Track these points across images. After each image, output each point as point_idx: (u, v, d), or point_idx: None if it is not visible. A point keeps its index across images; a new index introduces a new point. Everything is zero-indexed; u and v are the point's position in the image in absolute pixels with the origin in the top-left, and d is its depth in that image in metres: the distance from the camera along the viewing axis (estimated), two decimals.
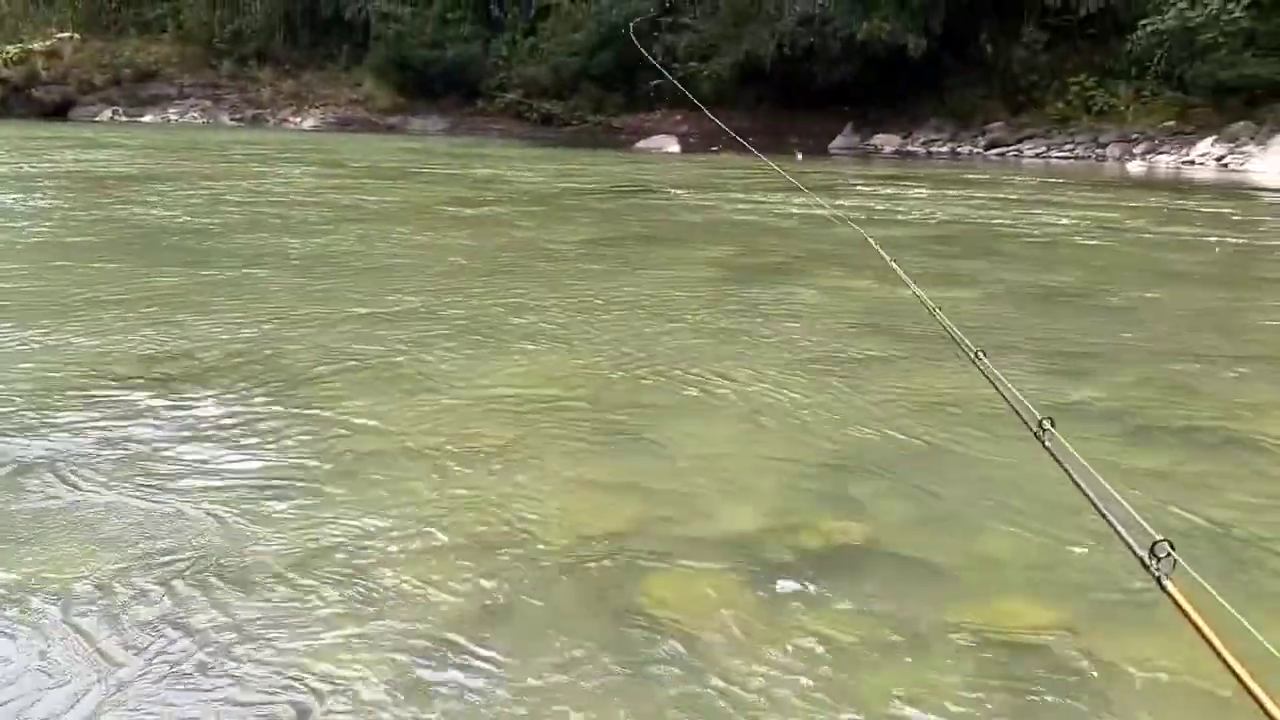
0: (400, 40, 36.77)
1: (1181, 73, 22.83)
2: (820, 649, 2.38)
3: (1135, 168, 20.80)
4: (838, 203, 12.86)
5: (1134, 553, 1.76)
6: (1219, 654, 1.49)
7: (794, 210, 12.01)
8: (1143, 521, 1.91)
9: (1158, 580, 1.68)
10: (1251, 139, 20.33)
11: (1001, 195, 14.23)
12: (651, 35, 32.45)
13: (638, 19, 32.67)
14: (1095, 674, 2.33)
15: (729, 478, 3.41)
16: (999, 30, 26.70)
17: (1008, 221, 11.08)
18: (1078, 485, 2.17)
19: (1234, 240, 10.14)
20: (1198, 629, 1.56)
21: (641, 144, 26.75)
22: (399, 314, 5.78)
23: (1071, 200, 13.88)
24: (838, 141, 27.43)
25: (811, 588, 2.67)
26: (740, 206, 12.36)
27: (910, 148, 25.95)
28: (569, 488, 3.29)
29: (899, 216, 11.57)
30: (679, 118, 32.80)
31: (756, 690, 2.21)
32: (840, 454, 3.68)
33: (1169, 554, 1.70)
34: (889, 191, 14.67)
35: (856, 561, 2.84)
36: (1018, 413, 2.59)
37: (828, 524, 3.04)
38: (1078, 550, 2.92)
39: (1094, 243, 9.74)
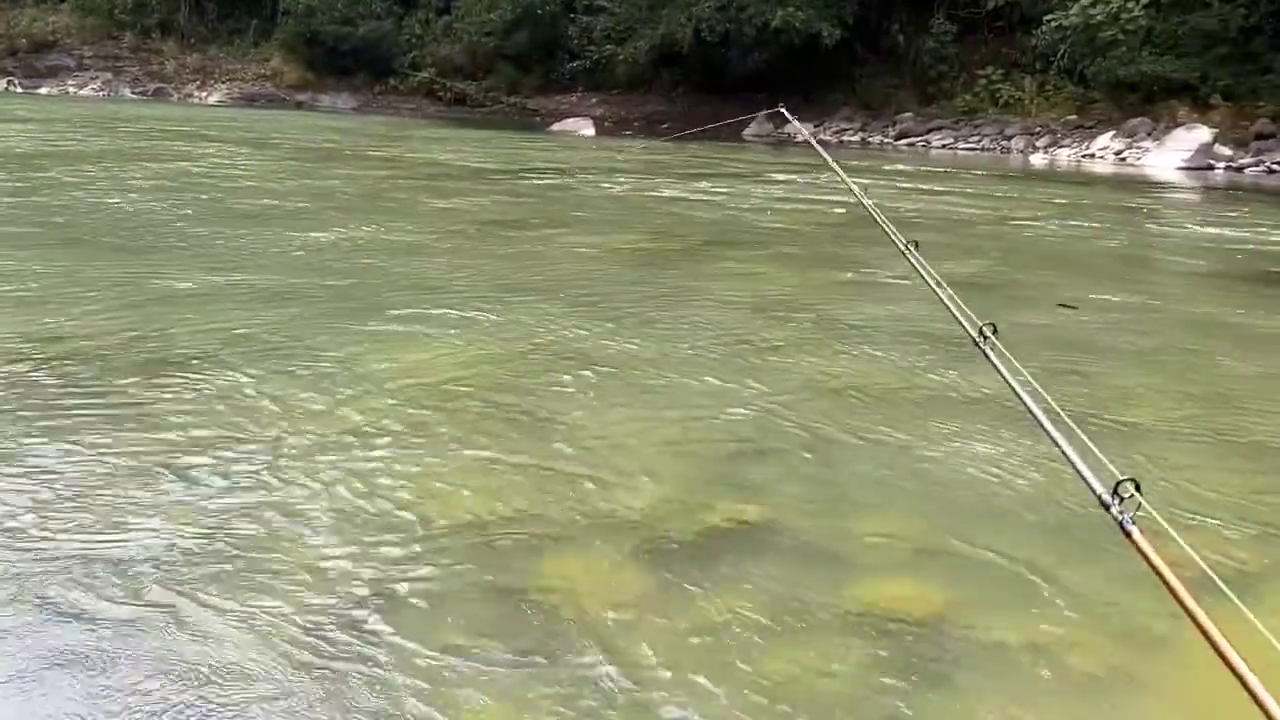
0: (311, 15, 35.97)
1: (1083, 68, 23.48)
2: (715, 629, 2.43)
3: (1038, 160, 21.37)
4: (750, 188, 12.99)
5: (1094, 494, 1.67)
6: (1182, 604, 1.44)
7: (706, 195, 12.09)
8: (1101, 457, 1.80)
9: (1120, 524, 1.60)
10: (1149, 134, 21.01)
11: (909, 184, 14.50)
12: (567, 16, 32.28)
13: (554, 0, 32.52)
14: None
15: (629, 460, 3.45)
16: (909, 22, 27.14)
17: (914, 210, 11.30)
18: (1031, 413, 2.07)
19: (1126, 230, 10.50)
20: (1160, 576, 1.50)
21: (557, 126, 26.64)
22: (290, 295, 5.69)
23: (977, 191, 14.21)
24: (751, 129, 27.61)
25: (708, 568, 2.72)
26: (651, 190, 12.40)
27: (822, 136, 26.25)
28: (468, 470, 3.29)
29: (801, 203, 11.72)
30: (595, 100, 32.73)
31: (649, 669, 2.25)
32: (742, 436, 3.74)
33: (1133, 494, 1.60)
34: (797, 178, 14.85)
35: (754, 542, 2.90)
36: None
37: (726, 505, 3.10)
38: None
39: (997, 231, 10.00)
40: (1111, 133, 21.61)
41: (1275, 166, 19.09)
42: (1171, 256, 9.44)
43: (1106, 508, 1.63)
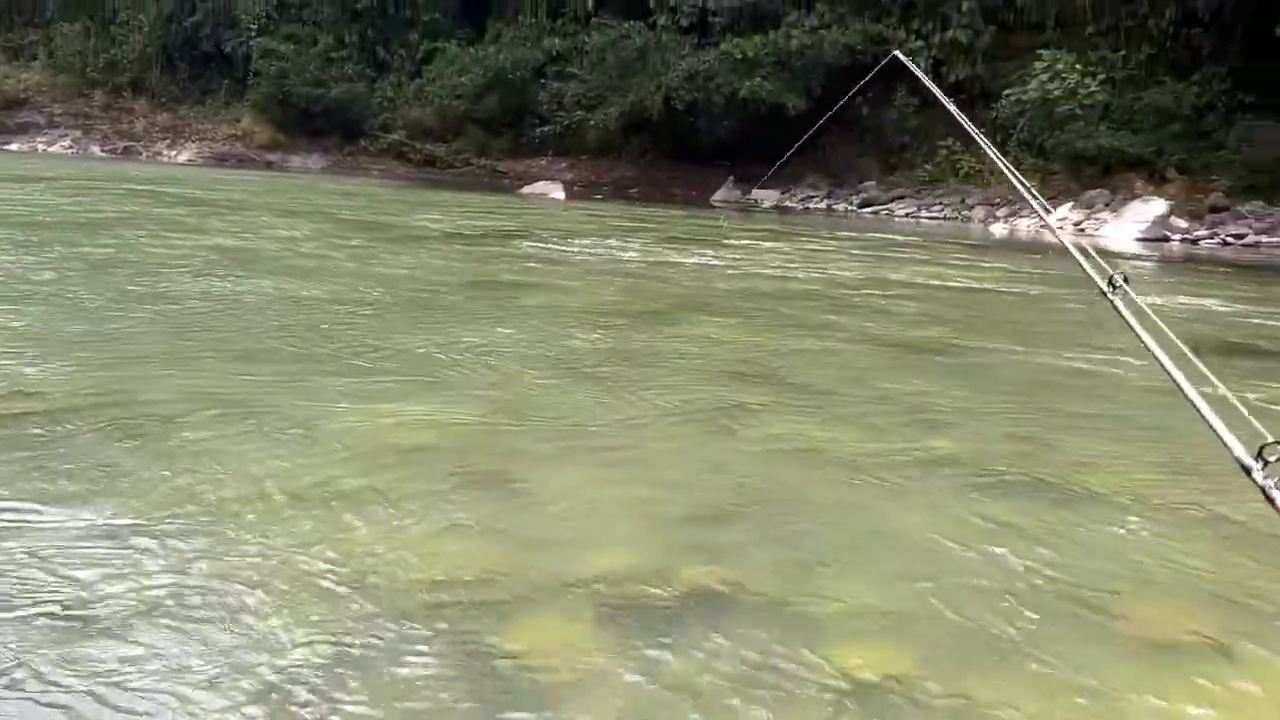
0: (283, 77, 36.27)
1: (1042, 141, 24.07)
2: (680, 694, 2.42)
3: (998, 229, 21.77)
4: (718, 254, 13.12)
5: (1233, 457, 1.57)
6: None
7: (674, 259, 12.20)
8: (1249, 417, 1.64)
9: (1263, 490, 1.52)
10: (1106, 205, 21.49)
11: (873, 253, 14.71)
12: (538, 83, 32.73)
13: (525, 66, 32.97)
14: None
15: (594, 523, 3.43)
16: (873, 94, 27.72)
17: (875, 278, 11.46)
18: (1166, 371, 1.86)
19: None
20: None
21: (527, 189, 26.85)
22: (262, 354, 5.67)
23: (934, 259, 14.43)
24: (719, 194, 28.00)
25: (673, 633, 2.71)
26: (620, 254, 12.50)
27: (789, 203, 26.64)
28: (432, 533, 3.27)
29: (773, 269, 11.85)
30: (565, 164, 33.07)
31: None
32: (710, 500, 3.74)
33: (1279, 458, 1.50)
34: (767, 244, 15.03)
35: (720, 606, 2.90)
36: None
37: (693, 569, 3.09)
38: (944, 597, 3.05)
39: (953, 299, 10.15)
40: (1070, 203, 22.09)
41: (1229, 239, 19.56)
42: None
43: (1248, 472, 1.54)
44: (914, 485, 4.05)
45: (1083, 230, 20.71)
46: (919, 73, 5.13)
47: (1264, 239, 19.31)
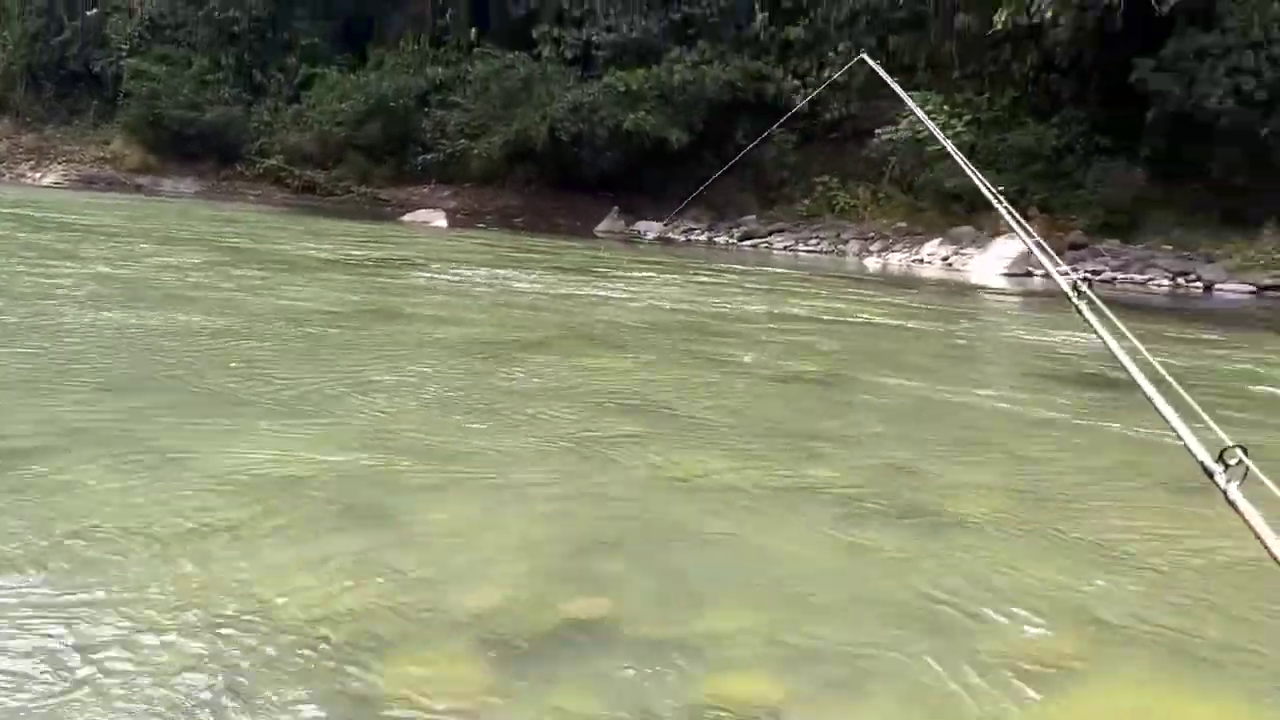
0: (155, 98, 35.21)
1: (912, 178, 24.92)
2: None
3: (872, 263, 22.42)
4: (601, 284, 13.21)
5: (1197, 461, 1.58)
6: None
7: (557, 290, 12.23)
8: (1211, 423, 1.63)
9: (1224, 494, 1.51)
10: (972, 242, 22.33)
11: (754, 285, 14.98)
12: (421, 110, 32.49)
13: (407, 94, 32.70)
14: None
15: (474, 556, 3.42)
16: (753, 129, 28.35)
17: (756, 310, 11.69)
18: (1131, 376, 1.88)
19: (953, 332, 11.09)
20: (1271, 552, 1.40)
21: (409, 217, 26.56)
22: (128, 387, 5.50)
23: (813, 292, 14.78)
24: (603, 225, 28.17)
25: (552, 666, 2.72)
26: (503, 284, 12.47)
27: (671, 235, 26.95)
28: (308, 568, 3.21)
29: (657, 300, 11.98)
30: (448, 193, 32.84)
31: None
32: (589, 531, 3.76)
33: (1240, 461, 1.50)
34: (650, 276, 15.18)
35: (599, 638, 2.92)
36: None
37: (572, 601, 3.11)
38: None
39: (831, 331, 10.41)
40: (939, 239, 22.88)
41: (1087, 275, 20.46)
42: (998, 356, 10.01)
43: (1210, 475, 1.54)
44: (791, 514, 4.15)
45: (950, 265, 21.48)
46: (886, 77, 5.29)
47: (1119, 276, 20.33)
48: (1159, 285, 19.76)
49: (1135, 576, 3.68)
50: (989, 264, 20.74)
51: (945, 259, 21.89)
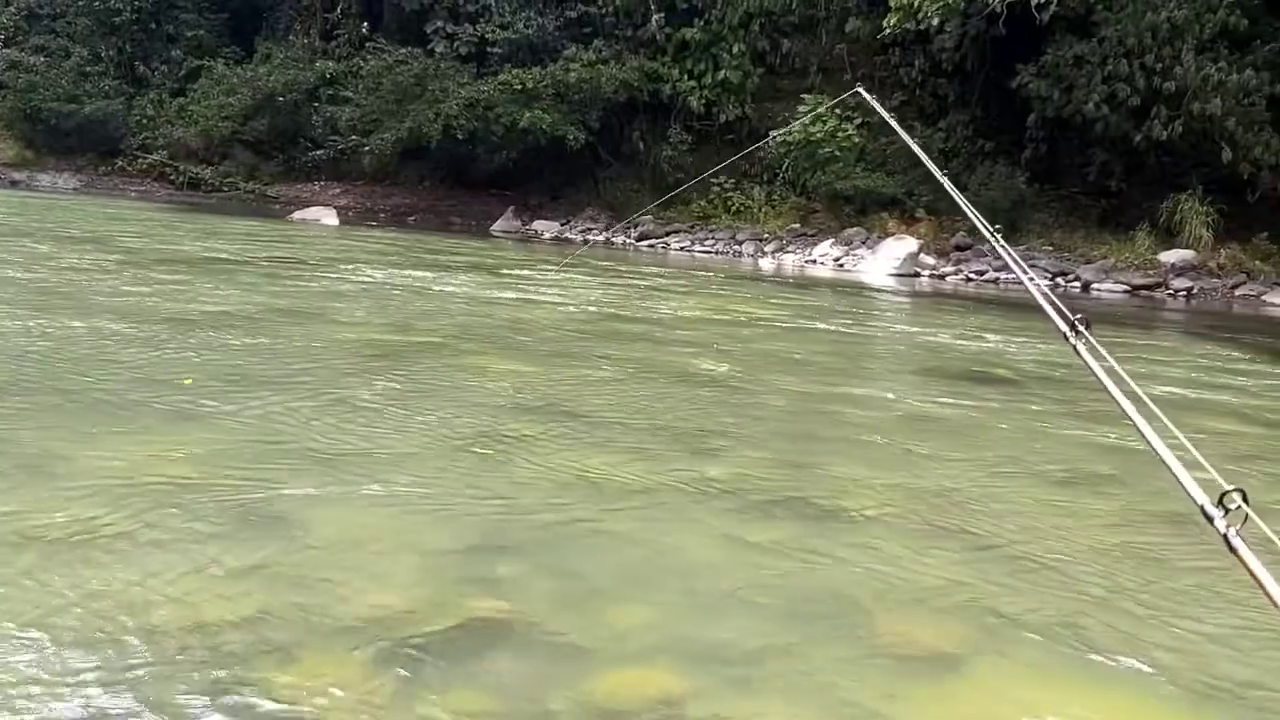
0: (32, 91, 33.70)
1: (805, 180, 25.34)
2: None
3: (766, 264, 22.72)
4: (498, 284, 13.12)
5: (1197, 505, 1.55)
6: None
7: (452, 290, 12.11)
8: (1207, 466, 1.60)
9: (1225, 538, 1.49)
10: (863, 243, 22.81)
11: (651, 285, 15.05)
12: (311, 106, 31.81)
13: (296, 89, 31.97)
14: None
15: (368, 561, 3.37)
16: (649, 130, 28.48)
17: (654, 309, 11.75)
18: (1128, 417, 1.87)
19: (843, 330, 11.32)
20: (1270, 597, 1.38)
21: (298, 215, 25.97)
22: (8, 387, 5.28)
23: (709, 292, 14.93)
24: (499, 224, 27.98)
25: (451, 668, 2.70)
26: (397, 283, 12.29)
27: (568, 234, 26.91)
28: (194, 574, 3.12)
29: (555, 300, 11.96)
30: (339, 190, 32.23)
31: None
32: (488, 532, 3.74)
33: (1239, 506, 1.49)
34: (547, 275, 15.14)
35: (499, 639, 2.90)
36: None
37: (471, 603, 3.09)
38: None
39: (730, 331, 10.53)
40: (831, 240, 23.31)
41: (972, 275, 21.13)
42: (888, 354, 10.25)
43: (1210, 520, 1.53)
44: (688, 511, 4.19)
45: (842, 265, 21.90)
46: (881, 110, 5.34)
47: (1001, 275, 20.98)
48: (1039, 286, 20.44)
49: (1023, 569, 3.80)
50: (879, 265, 21.21)
51: (837, 260, 22.32)
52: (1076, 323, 2.39)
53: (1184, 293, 19.65)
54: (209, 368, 6.22)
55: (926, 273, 21.30)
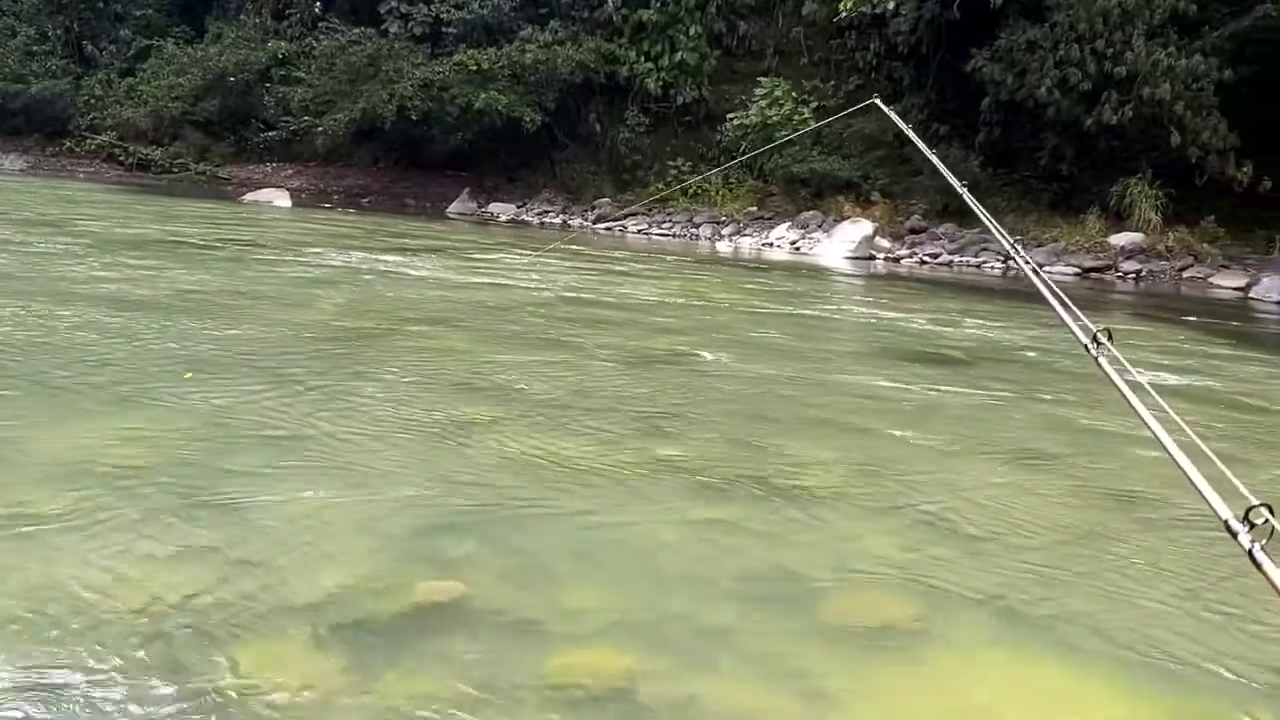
0: None
1: (762, 164, 25.39)
2: (409, 709, 2.41)
3: (724, 247, 22.76)
4: (453, 266, 13.04)
5: (1220, 520, 1.52)
6: None
7: (406, 271, 12.02)
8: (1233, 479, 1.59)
9: (1249, 553, 1.46)
10: (819, 226, 22.90)
11: (608, 267, 15.03)
12: (263, 86, 31.37)
13: (248, 69, 31.51)
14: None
15: (320, 541, 3.36)
16: (606, 112, 28.38)
17: (609, 291, 11.74)
18: (1151, 431, 1.80)
19: (801, 313, 11.39)
20: None
21: (250, 197, 25.62)
22: None
23: (665, 274, 14.94)
24: (455, 206, 27.77)
25: (403, 648, 2.69)
26: (350, 265, 12.18)
27: (525, 217, 26.78)
28: (145, 556, 3.10)
29: (510, 282, 11.91)
30: (291, 172, 31.84)
31: None
32: (440, 513, 3.74)
33: (1268, 520, 1.45)
34: (503, 258, 15.07)
35: (451, 619, 2.90)
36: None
37: (422, 583, 3.09)
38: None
39: (684, 312, 10.55)
40: (787, 224, 23.39)
41: (926, 258, 21.30)
42: (842, 335, 10.32)
43: (1234, 535, 1.50)
44: (642, 491, 4.20)
45: (798, 249, 21.99)
46: (899, 121, 5.26)
47: (955, 258, 21.18)
48: (992, 268, 20.66)
49: (974, 545, 3.86)
50: (835, 248, 21.32)
51: (793, 243, 22.39)
52: (1098, 335, 2.30)
53: (1133, 275, 19.93)
54: (160, 353, 6.14)
55: (881, 255, 21.45)
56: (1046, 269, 20.35)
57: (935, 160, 4.70)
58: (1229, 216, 21.06)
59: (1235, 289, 18.65)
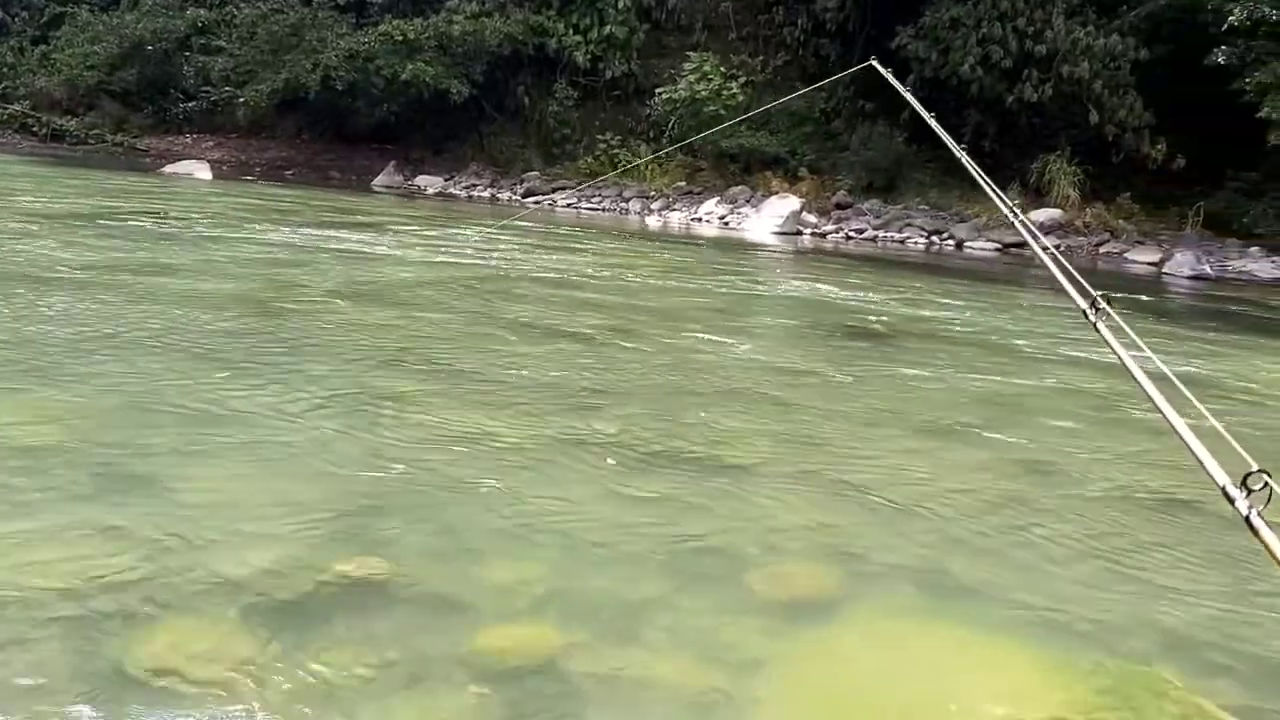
0: None
1: (691, 138, 25.43)
2: (330, 687, 2.41)
3: (653, 221, 22.78)
4: (379, 241, 12.88)
5: (1218, 486, 1.51)
6: None
7: (331, 245, 11.84)
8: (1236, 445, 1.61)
9: (1246, 519, 1.45)
10: (748, 201, 23.03)
11: (536, 242, 14.95)
12: (182, 55, 30.55)
13: (166, 37, 30.66)
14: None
15: (240, 519, 3.32)
16: (534, 85, 28.14)
17: (537, 266, 11.69)
18: (1149, 398, 1.80)
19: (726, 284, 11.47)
20: None
21: (169, 169, 24.97)
22: None
23: (593, 249, 14.92)
24: (381, 179, 27.38)
25: (326, 627, 2.68)
26: (273, 239, 11.97)
27: (452, 190, 26.50)
28: (56, 537, 3.03)
29: (437, 257, 11.81)
30: (212, 144, 31.12)
31: None
32: (361, 491, 3.71)
33: (1266, 484, 1.45)
34: (430, 232, 14.91)
35: (374, 597, 2.90)
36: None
37: (346, 561, 3.07)
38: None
39: (613, 287, 10.55)
40: (716, 199, 23.47)
41: (852, 233, 21.55)
42: (768, 310, 10.41)
43: (1231, 501, 1.49)
44: (567, 466, 4.21)
45: (727, 224, 22.09)
46: (897, 84, 5.21)
47: (880, 233, 21.47)
48: (916, 243, 20.99)
49: (894, 516, 3.95)
50: (763, 223, 21.45)
51: (722, 218, 22.49)
52: (1098, 299, 2.24)
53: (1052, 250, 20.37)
54: (73, 327, 5.98)
55: (808, 231, 21.64)
56: (968, 244, 20.75)
57: (935, 125, 4.69)
58: (1144, 193, 21.63)
59: (1149, 264, 19.18)
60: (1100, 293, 2.21)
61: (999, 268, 18.05)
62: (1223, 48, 19.16)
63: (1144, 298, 13.43)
